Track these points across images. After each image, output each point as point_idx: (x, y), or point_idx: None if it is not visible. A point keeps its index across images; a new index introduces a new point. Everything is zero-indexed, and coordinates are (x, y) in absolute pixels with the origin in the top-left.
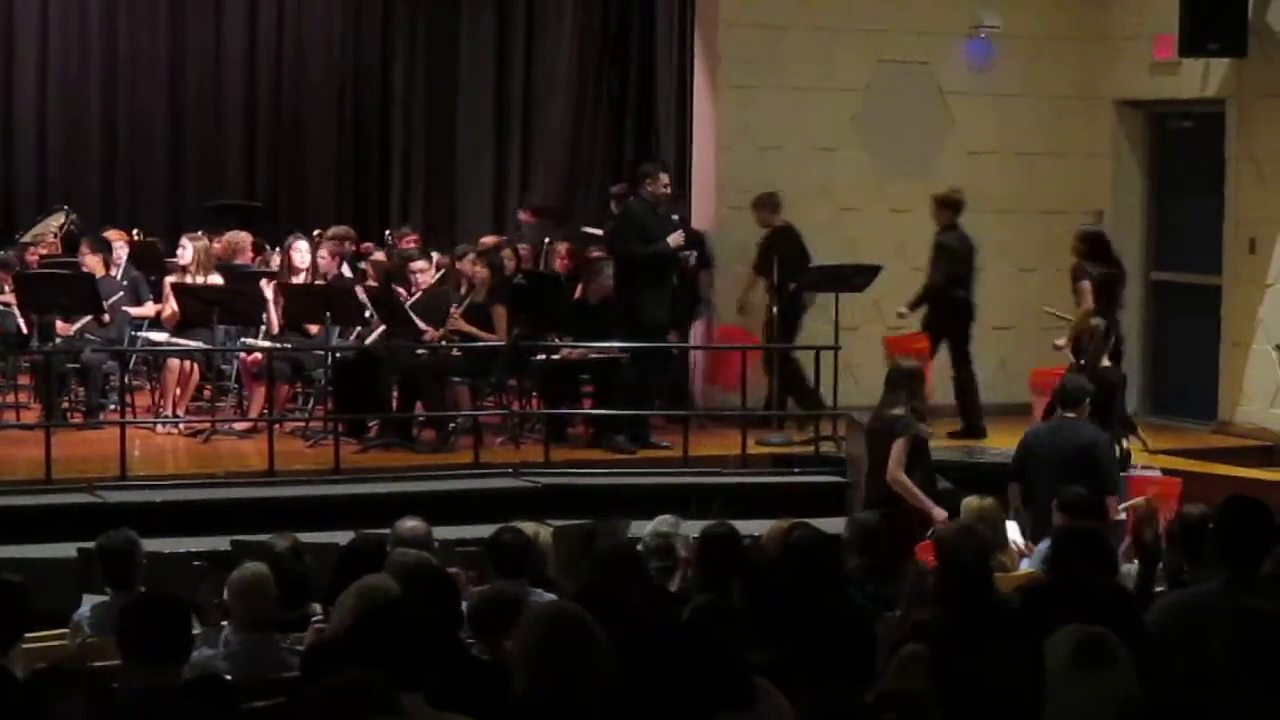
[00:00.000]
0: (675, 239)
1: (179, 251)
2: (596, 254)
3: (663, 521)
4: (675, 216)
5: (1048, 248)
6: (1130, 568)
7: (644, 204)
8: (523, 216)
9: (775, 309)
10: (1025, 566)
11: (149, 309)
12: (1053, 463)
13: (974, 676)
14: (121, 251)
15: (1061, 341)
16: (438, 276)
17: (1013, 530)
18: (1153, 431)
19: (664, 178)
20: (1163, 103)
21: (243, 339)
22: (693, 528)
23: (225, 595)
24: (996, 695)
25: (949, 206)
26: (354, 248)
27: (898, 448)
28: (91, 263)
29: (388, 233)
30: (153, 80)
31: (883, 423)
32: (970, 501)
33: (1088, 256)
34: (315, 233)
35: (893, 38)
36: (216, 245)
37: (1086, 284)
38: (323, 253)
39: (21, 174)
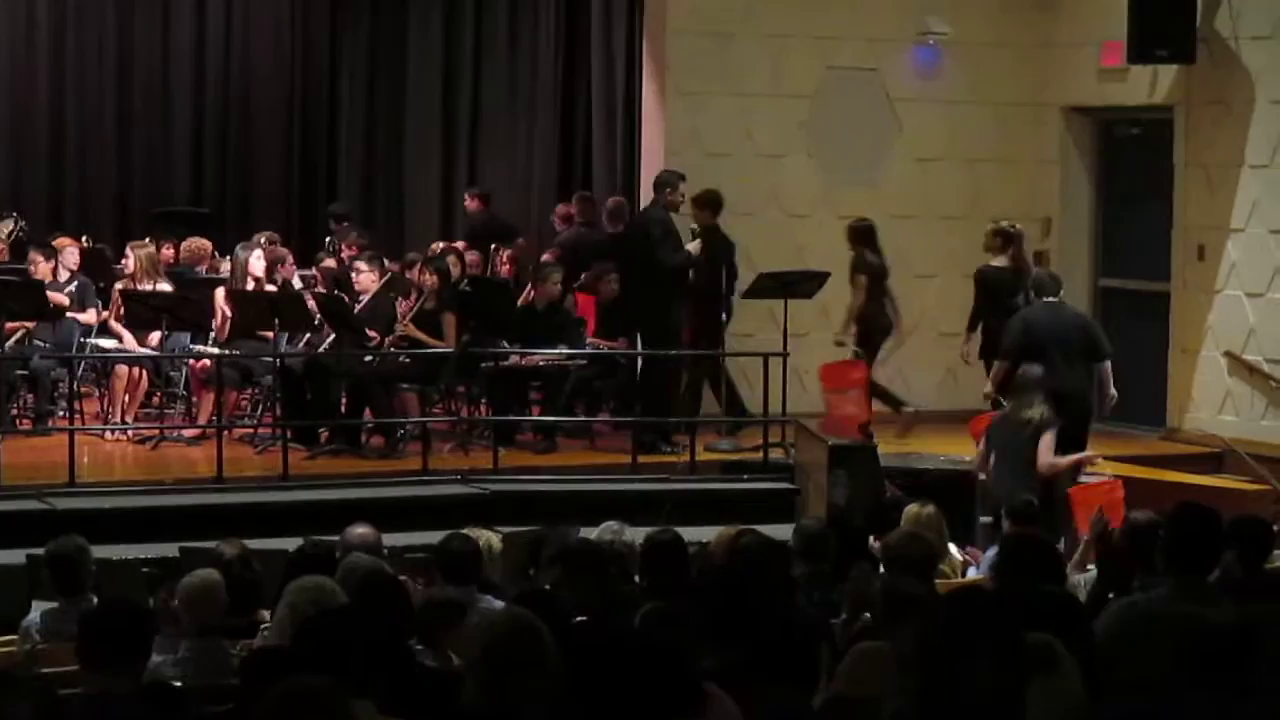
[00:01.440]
0: (694, 246)
1: (124, 260)
2: (545, 258)
3: (607, 528)
4: (694, 227)
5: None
6: (1083, 577)
7: (665, 212)
8: (469, 204)
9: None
10: (972, 574)
11: (92, 316)
12: (1058, 334)
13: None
14: (72, 258)
15: (842, 336)
16: (382, 282)
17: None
18: (1101, 438)
19: (683, 187)
20: (1111, 110)
21: (190, 346)
22: (637, 534)
23: (175, 601)
24: (977, 700)
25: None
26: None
27: (1047, 441)
28: (42, 270)
29: (328, 240)
30: (99, 87)
31: (1025, 425)
32: (912, 509)
33: (868, 247)
34: (257, 237)
35: (841, 44)
36: (166, 251)
37: (864, 277)
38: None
39: None
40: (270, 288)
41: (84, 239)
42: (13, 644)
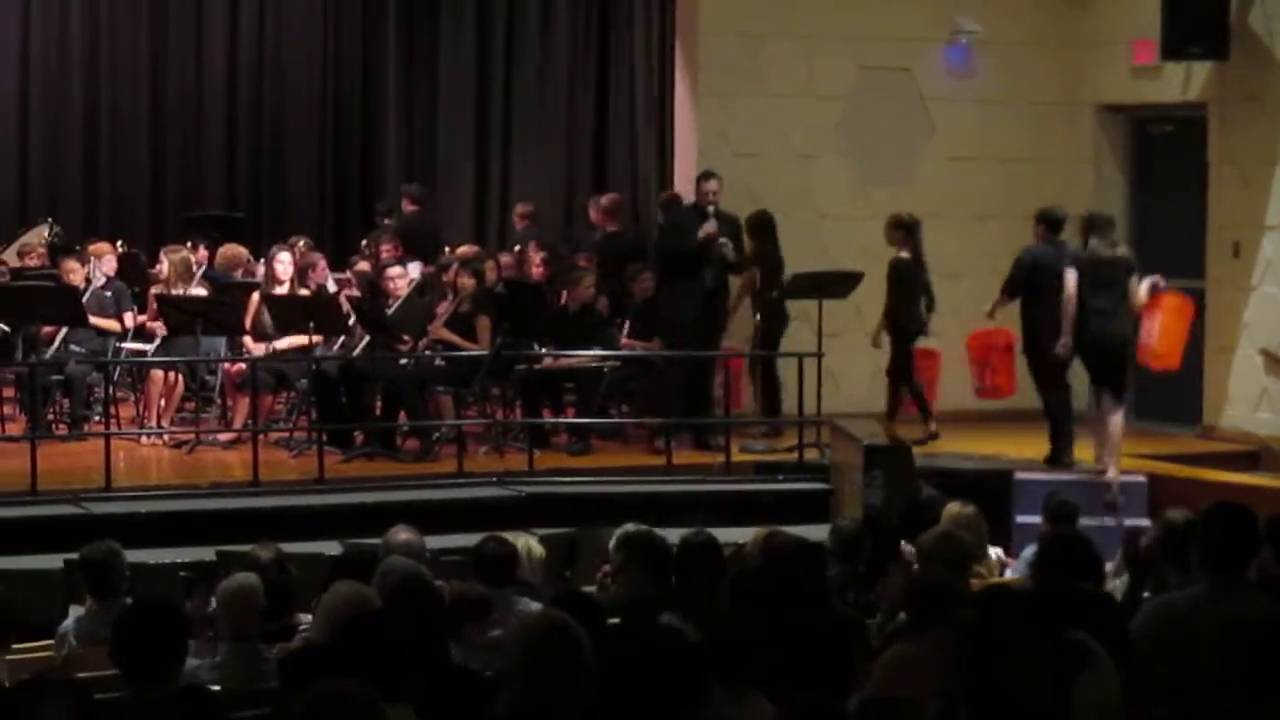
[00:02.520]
0: (706, 227)
1: (159, 266)
2: (581, 262)
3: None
4: (711, 209)
5: None
6: (1120, 581)
7: (679, 205)
8: (520, 213)
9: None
10: (1009, 575)
11: (128, 320)
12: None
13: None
14: (110, 264)
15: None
16: (415, 284)
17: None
18: (1137, 436)
19: (710, 183)
20: (1144, 107)
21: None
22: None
23: (213, 606)
24: (1022, 698)
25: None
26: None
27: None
28: (76, 277)
29: (364, 242)
30: (133, 93)
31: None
32: (952, 508)
33: (768, 240)
34: (291, 241)
35: (873, 45)
36: (201, 254)
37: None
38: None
39: (3, 187)
40: (302, 292)
41: (119, 244)
42: (50, 649)
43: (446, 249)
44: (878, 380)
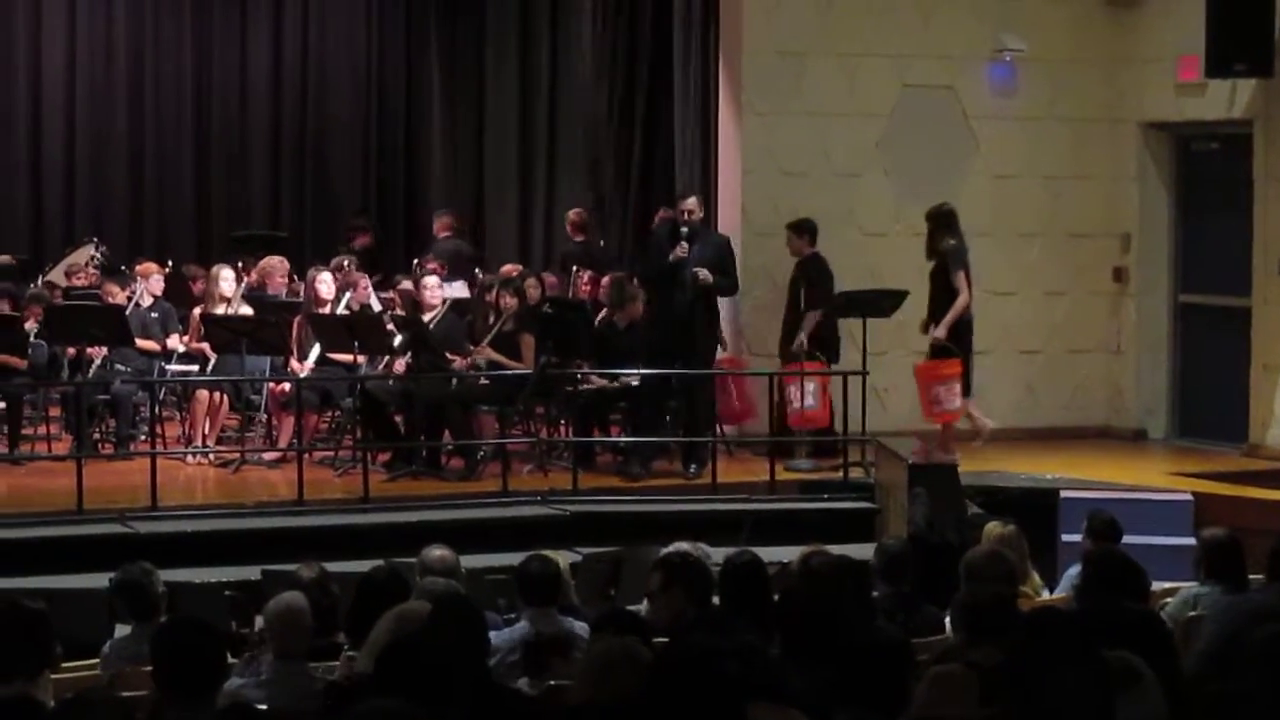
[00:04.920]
0: (676, 251)
1: (223, 284)
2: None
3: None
4: (684, 230)
5: (1075, 271)
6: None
7: (666, 227)
8: (573, 219)
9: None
10: (1055, 594)
11: (175, 340)
12: None
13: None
14: (157, 285)
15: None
16: (451, 302)
17: None
18: (1181, 454)
19: (686, 202)
20: (1189, 124)
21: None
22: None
23: (259, 624)
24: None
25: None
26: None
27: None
28: (117, 299)
29: (415, 262)
30: (177, 113)
31: None
32: (992, 527)
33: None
34: (339, 260)
35: (916, 62)
36: (250, 277)
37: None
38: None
39: (50, 207)
40: (343, 311)
41: (167, 264)
42: (95, 668)
43: (478, 272)
44: None
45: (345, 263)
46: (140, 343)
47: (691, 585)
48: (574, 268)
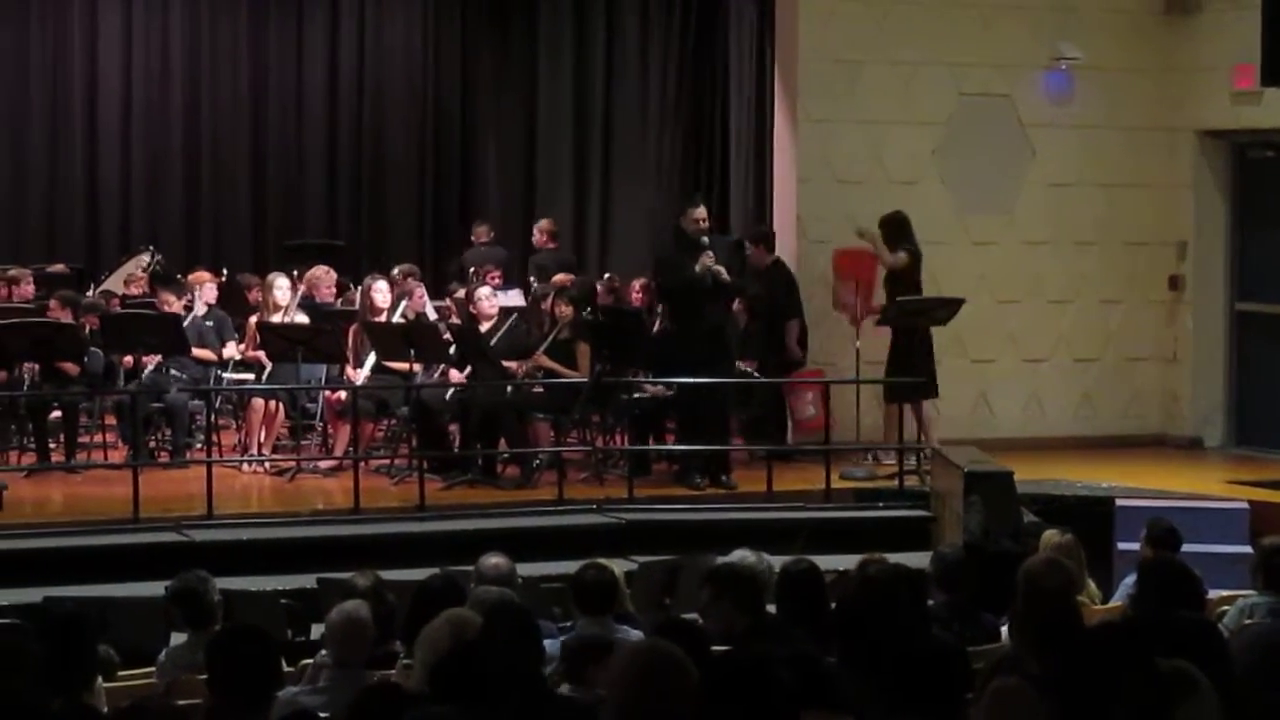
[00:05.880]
0: (704, 260)
1: (277, 293)
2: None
3: (743, 557)
4: (705, 239)
5: (1131, 280)
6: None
7: (678, 234)
8: (544, 228)
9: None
10: (1111, 603)
11: (232, 349)
12: None
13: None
14: (210, 292)
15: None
16: (509, 311)
17: None
18: (1237, 462)
19: (697, 211)
20: (1245, 133)
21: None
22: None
23: (315, 633)
24: None
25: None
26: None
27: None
28: (172, 308)
29: (472, 270)
30: (234, 121)
31: None
32: (1049, 536)
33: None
34: (395, 270)
35: (973, 71)
36: (309, 287)
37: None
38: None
39: (106, 216)
40: (399, 319)
41: (222, 272)
42: (151, 676)
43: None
44: (980, 406)
45: (396, 270)
46: (196, 351)
47: (741, 596)
48: (531, 279)
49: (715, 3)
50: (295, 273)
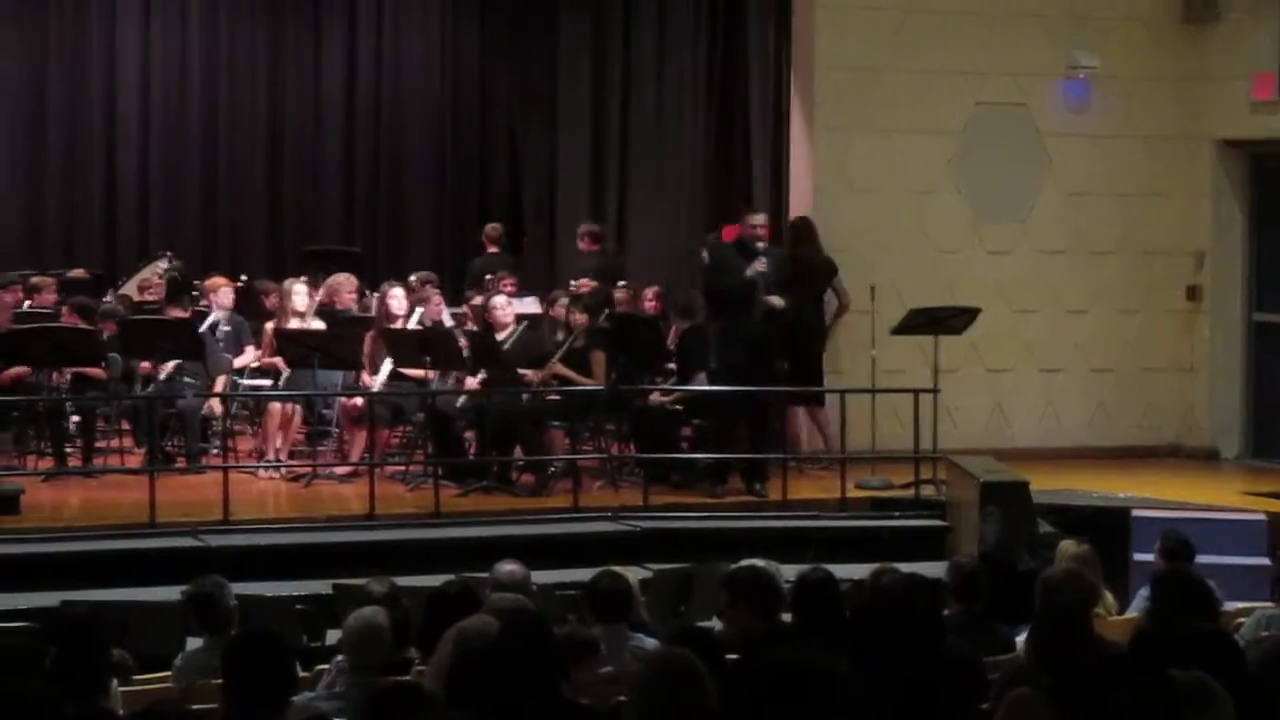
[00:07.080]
0: (755, 265)
1: (296, 299)
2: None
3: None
4: (760, 245)
5: (1148, 290)
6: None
7: (720, 240)
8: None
9: None
10: (1127, 614)
11: (249, 354)
12: None
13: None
14: (227, 298)
15: None
16: (522, 318)
17: None
18: (1254, 474)
19: (756, 218)
20: (1263, 142)
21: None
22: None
23: (330, 638)
24: None
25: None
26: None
27: None
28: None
29: (488, 278)
30: (252, 129)
31: None
32: (1066, 546)
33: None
34: (412, 277)
35: (989, 80)
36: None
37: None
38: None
39: (124, 221)
40: (415, 326)
41: (240, 278)
42: (166, 680)
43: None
44: (996, 416)
45: (413, 278)
46: (218, 381)
47: (758, 602)
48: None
49: (733, 13)
50: (306, 276)
